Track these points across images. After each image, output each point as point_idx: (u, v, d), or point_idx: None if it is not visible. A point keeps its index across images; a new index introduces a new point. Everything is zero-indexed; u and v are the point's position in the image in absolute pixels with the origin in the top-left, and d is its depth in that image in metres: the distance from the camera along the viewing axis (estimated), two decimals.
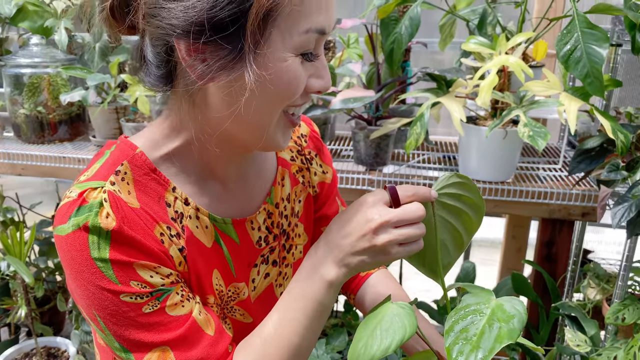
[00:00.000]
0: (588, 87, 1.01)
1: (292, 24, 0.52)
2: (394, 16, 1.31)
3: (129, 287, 0.55)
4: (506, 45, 1.12)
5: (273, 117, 0.57)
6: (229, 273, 0.66)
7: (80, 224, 0.53)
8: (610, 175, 1.02)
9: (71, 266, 0.55)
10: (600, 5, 1.06)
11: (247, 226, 0.68)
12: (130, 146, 0.60)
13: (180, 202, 0.61)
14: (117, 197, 0.56)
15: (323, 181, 0.81)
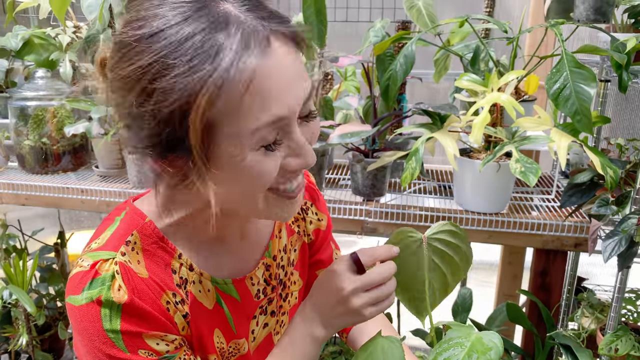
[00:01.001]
0: (577, 124, 1.05)
1: (237, 129, 0.50)
2: (390, 52, 1.36)
3: (137, 355, 0.58)
4: (498, 82, 1.16)
5: (257, 201, 0.56)
6: (229, 331, 0.70)
7: (94, 298, 0.56)
8: (600, 210, 1.05)
9: (82, 334, 0.58)
10: (587, 46, 1.10)
11: (247, 283, 0.71)
12: (140, 215, 0.63)
13: (185, 268, 0.64)
14: (128, 268, 0.59)
15: (318, 228, 0.84)
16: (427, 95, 1.95)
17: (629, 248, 1.03)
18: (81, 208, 1.50)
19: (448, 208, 1.33)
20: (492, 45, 1.42)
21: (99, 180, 1.54)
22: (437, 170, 1.72)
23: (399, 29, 1.50)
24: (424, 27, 1.33)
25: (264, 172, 0.53)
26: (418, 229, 1.34)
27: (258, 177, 0.53)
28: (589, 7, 1.15)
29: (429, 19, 1.35)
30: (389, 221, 1.33)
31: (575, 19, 1.21)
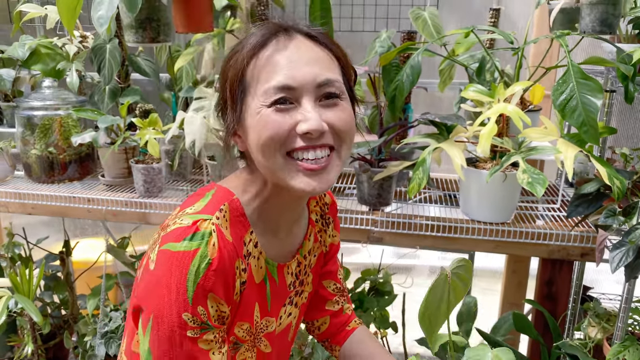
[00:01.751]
0: (584, 135, 1.06)
1: (255, 87, 0.70)
2: (395, 62, 1.37)
3: (195, 309, 0.68)
4: (504, 93, 1.17)
5: (275, 159, 0.69)
6: (265, 307, 0.80)
7: (192, 248, 0.68)
8: (608, 220, 1.06)
9: (167, 275, 0.67)
10: (594, 58, 1.10)
11: (284, 270, 0.83)
12: (229, 192, 0.76)
13: (252, 244, 0.76)
14: (221, 229, 0.71)
15: (333, 243, 0.97)
16: (431, 104, 1.95)
17: (637, 258, 1.03)
18: (87, 217, 1.51)
19: (454, 218, 1.34)
20: (496, 55, 1.42)
21: (105, 189, 1.55)
22: (442, 179, 1.72)
23: (405, 40, 1.51)
24: (430, 38, 1.34)
25: (273, 123, 0.68)
26: (424, 238, 1.35)
27: (267, 127, 0.68)
28: (595, 18, 1.16)
29: (434, 29, 1.36)
30: (395, 231, 1.33)
31: (581, 30, 1.22)
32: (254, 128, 0.69)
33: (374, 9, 1.71)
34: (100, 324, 1.60)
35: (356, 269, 2.19)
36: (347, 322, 1.02)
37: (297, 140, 0.68)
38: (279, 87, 0.68)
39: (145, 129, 1.40)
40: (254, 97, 0.69)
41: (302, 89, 0.68)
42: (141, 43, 1.21)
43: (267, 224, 0.79)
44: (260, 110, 0.68)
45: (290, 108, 0.68)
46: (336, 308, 1.01)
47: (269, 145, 0.68)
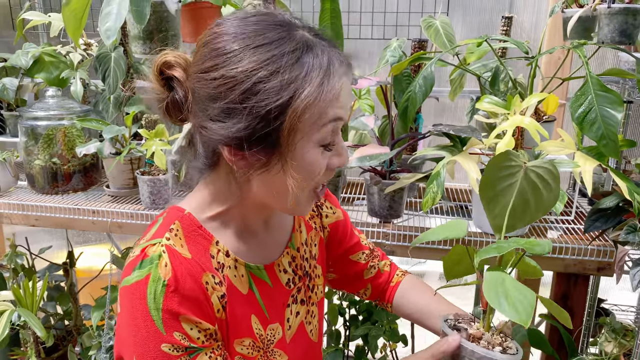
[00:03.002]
0: (603, 148, 1.03)
1: (315, 123, 0.63)
2: (407, 72, 1.34)
3: (172, 337, 0.63)
4: (520, 105, 1.14)
5: (303, 194, 0.68)
6: (263, 316, 0.76)
7: (143, 276, 0.64)
8: (629, 237, 1.03)
9: (129, 313, 0.64)
10: (613, 70, 1.08)
11: (275, 269, 0.78)
12: (179, 209, 0.72)
13: (222, 254, 0.71)
14: (173, 249, 0.66)
15: (336, 220, 0.93)
16: (441, 113, 1.93)
17: None
18: (92, 229, 1.48)
19: (467, 231, 1.31)
20: (508, 63, 1.40)
21: (110, 200, 1.52)
22: (454, 188, 1.70)
23: (415, 48, 1.48)
24: (443, 48, 1.31)
25: (319, 165, 0.65)
26: (437, 252, 1.32)
27: (313, 170, 0.65)
28: (615, 29, 1.14)
29: (446, 38, 1.33)
30: (407, 244, 1.31)
31: (599, 40, 1.19)
32: (294, 168, 0.63)
33: (382, 16, 1.68)
34: (105, 338, 1.57)
35: None
36: (390, 279, 0.99)
37: (325, 176, 0.68)
38: (336, 119, 0.64)
39: (152, 140, 1.38)
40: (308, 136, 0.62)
41: (345, 120, 0.67)
42: (149, 54, 1.18)
43: (239, 231, 0.74)
44: (310, 150, 0.63)
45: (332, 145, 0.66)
46: (373, 273, 0.98)
47: (307, 185, 0.66)
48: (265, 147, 0.62)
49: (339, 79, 0.63)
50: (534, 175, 0.71)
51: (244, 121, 0.61)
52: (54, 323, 1.86)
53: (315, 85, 0.61)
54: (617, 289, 2.41)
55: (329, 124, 0.63)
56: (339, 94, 0.63)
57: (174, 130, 1.53)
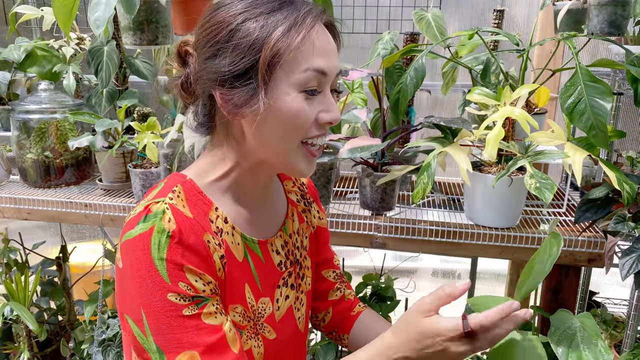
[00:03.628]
0: (593, 139, 1.03)
1: (293, 65, 0.66)
2: (399, 65, 1.34)
3: (177, 287, 0.65)
4: (511, 96, 1.14)
5: (293, 145, 0.70)
6: (256, 288, 0.77)
7: (147, 228, 0.65)
8: (618, 227, 1.03)
9: (133, 266, 0.65)
10: (603, 60, 1.08)
11: (269, 247, 0.81)
12: (181, 175, 0.75)
13: (220, 220, 0.74)
14: (176, 207, 0.69)
15: (321, 225, 0.95)
16: (433, 107, 1.93)
17: None
18: (85, 223, 1.48)
19: (459, 222, 1.31)
20: (500, 57, 1.40)
21: (103, 194, 1.52)
22: (446, 182, 1.70)
23: (407, 41, 1.48)
24: (434, 40, 1.31)
25: (302, 111, 0.67)
26: (428, 244, 1.32)
27: (296, 115, 0.67)
28: (604, 20, 1.14)
29: (438, 31, 1.33)
30: (398, 236, 1.31)
31: (588, 31, 1.19)
32: (279, 111, 0.67)
33: (375, 10, 1.68)
34: (97, 332, 1.57)
35: (357, 272, 2.16)
36: (351, 308, 0.99)
37: (314, 129, 0.70)
38: (319, 71, 0.67)
39: (144, 133, 1.38)
40: (289, 76, 0.66)
41: (329, 78, 0.69)
42: (139, 45, 1.18)
43: (236, 198, 0.76)
44: (291, 92, 0.67)
45: (315, 96, 0.69)
46: (338, 296, 0.99)
47: (294, 132, 0.69)
48: (248, 81, 0.67)
49: (316, 29, 0.68)
50: None
51: (228, 57, 0.67)
52: (47, 318, 1.85)
53: (290, 26, 0.66)
54: (610, 284, 2.42)
55: (310, 72, 0.66)
56: (315, 42, 0.67)
57: (166, 123, 1.53)
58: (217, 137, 0.75)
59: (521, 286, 0.73)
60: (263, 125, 0.68)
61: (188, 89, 0.73)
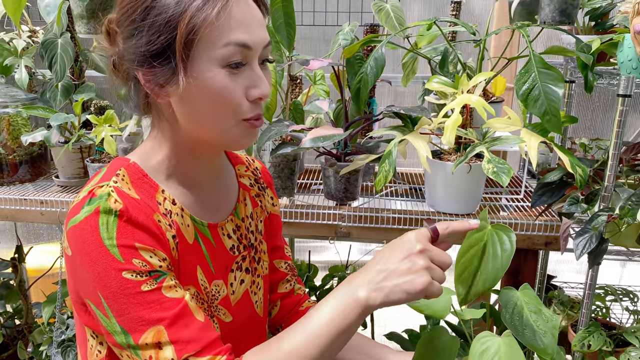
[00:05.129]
0: (546, 124, 1.06)
1: (212, 40, 0.64)
2: (359, 55, 1.35)
3: (131, 264, 0.63)
4: (468, 84, 1.17)
5: (227, 122, 0.68)
6: (209, 270, 0.76)
7: (93, 210, 0.64)
8: (571, 208, 1.07)
9: (82, 250, 0.63)
10: (555, 47, 1.12)
11: (219, 231, 0.79)
12: (125, 159, 0.74)
13: (168, 202, 0.73)
14: (120, 190, 0.67)
15: (274, 212, 0.94)
16: (394, 99, 1.96)
17: (599, 245, 1.05)
18: (41, 221, 1.43)
19: (420, 210, 1.33)
20: (458, 48, 1.43)
21: (60, 190, 1.48)
22: (408, 173, 1.72)
23: (368, 32, 1.50)
24: (393, 30, 1.33)
25: (227, 88, 0.66)
26: (392, 232, 1.34)
27: (221, 92, 0.66)
28: (555, 9, 1.18)
29: (397, 21, 1.35)
30: (362, 225, 1.32)
31: (541, 20, 1.23)
32: (204, 88, 0.66)
33: (336, 2, 1.69)
34: (56, 332, 1.52)
35: (324, 267, 2.17)
36: (300, 303, 0.97)
37: (247, 107, 0.68)
38: (240, 44, 0.65)
39: (101, 126, 1.34)
40: (209, 52, 0.64)
41: (255, 51, 0.67)
42: (94, 34, 1.15)
43: (183, 180, 0.75)
44: (213, 69, 0.65)
45: (240, 71, 0.67)
46: (287, 289, 0.97)
47: (223, 109, 0.67)
48: (166, 60, 0.65)
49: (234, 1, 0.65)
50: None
51: (145, 36, 0.65)
52: (3, 322, 1.79)
53: (205, 0, 0.63)
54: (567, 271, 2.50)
55: (231, 46, 0.65)
56: (234, 15, 0.65)
57: (125, 118, 1.50)
58: (154, 119, 0.74)
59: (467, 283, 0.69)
60: (191, 104, 0.67)
61: (120, 68, 0.71)
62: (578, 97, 1.65)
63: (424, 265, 0.61)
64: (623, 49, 1.07)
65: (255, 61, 0.68)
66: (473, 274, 0.67)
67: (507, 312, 0.67)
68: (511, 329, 0.66)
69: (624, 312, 1.47)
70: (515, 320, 0.67)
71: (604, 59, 1.25)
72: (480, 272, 0.67)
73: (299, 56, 1.39)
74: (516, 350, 0.63)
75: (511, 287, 0.70)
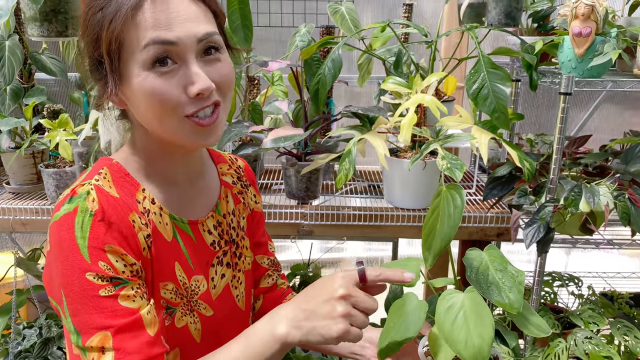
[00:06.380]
0: (495, 121, 1.12)
1: (133, 45, 0.66)
2: (316, 57, 1.38)
3: (96, 266, 0.65)
4: (421, 84, 1.22)
5: (171, 122, 0.69)
6: (188, 266, 0.78)
7: (72, 209, 0.67)
8: (520, 200, 1.13)
9: (57, 245, 0.66)
10: (502, 48, 1.18)
11: (200, 227, 0.81)
12: (109, 159, 0.76)
13: (148, 201, 0.75)
14: (101, 188, 0.70)
15: (257, 209, 0.96)
16: (351, 99, 2.00)
17: (547, 234, 1.12)
18: None
19: (379, 206, 1.38)
20: (411, 48, 1.48)
21: (12, 197, 1.43)
22: (367, 170, 1.77)
23: (324, 34, 1.53)
24: (348, 32, 1.36)
25: (157, 90, 0.66)
26: (352, 228, 1.38)
27: (154, 95, 0.66)
28: (501, 11, 1.24)
29: (352, 24, 1.39)
30: (324, 222, 1.35)
31: (488, 23, 1.29)
32: (139, 93, 0.67)
33: (291, 4, 1.71)
34: (12, 344, 1.47)
35: (286, 266, 2.18)
36: (283, 296, 1.00)
37: (188, 103, 0.68)
38: (162, 42, 0.65)
39: (55, 131, 1.31)
40: (134, 57, 0.66)
41: (184, 46, 0.66)
42: (47, 37, 1.12)
43: (161, 179, 0.77)
44: (141, 73, 0.66)
45: (173, 69, 0.67)
46: (270, 283, 0.99)
47: (161, 111, 0.68)
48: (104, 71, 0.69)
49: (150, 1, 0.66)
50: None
51: (86, 52, 0.70)
52: None
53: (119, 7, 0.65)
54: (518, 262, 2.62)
55: (151, 47, 0.65)
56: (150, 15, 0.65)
57: (79, 121, 1.47)
58: (131, 123, 0.77)
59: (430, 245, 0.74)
60: (136, 109, 0.70)
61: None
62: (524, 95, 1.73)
63: (343, 312, 0.63)
64: (563, 50, 1.15)
65: (190, 57, 0.67)
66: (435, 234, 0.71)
67: (472, 272, 0.70)
68: (476, 287, 0.68)
69: (569, 297, 1.57)
70: (480, 279, 0.69)
71: (547, 59, 1.33)
72: (438, 232, 0.71)
73: (257, 57, 1.40)
74: (480, 304, 0.65)
75: (476, 248, 0.73)
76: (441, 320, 0.65)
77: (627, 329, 1.32)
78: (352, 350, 0.91)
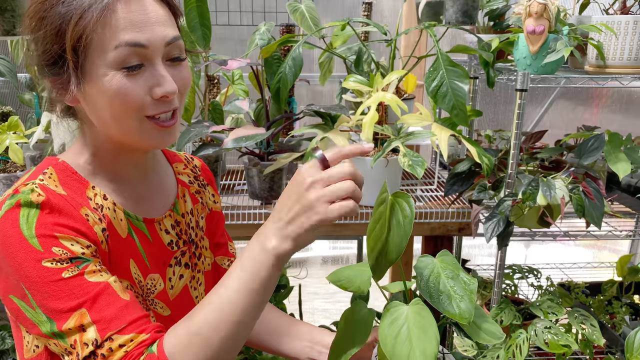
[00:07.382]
0: (454, 118, 1.14)
1: (103, 44, 0.65)
2: (277, 55, 1.37)
3: (51, 252, 0.64)
4: (382, 82, 1.22)
5: (132, 123, 0.68)
6: (143, 264, 0.76)
7: (13, 204, 0.65)
8: (480, 195, 1.16)
9: (4, 244, 0.64)
10: (459, 46, 1.20)
11: (156, 226, 0.79)
12: (54, 158, 0.74)
13: (99, 197, 0.73)
14: (46, 186, 0.68)
15: (215, 209, 0.94)
16: (313, 98, 2.00)
17: (506, 227, 1.14)
18: None
19: None
20: (371, 47, 1.49)
21: None
22: None
23: (284, 32, 1.52)
24: (309, 31, 1.36)
25: (124, 91, 0.66)
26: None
27: (118, 94, 0.66)
28: (457, 10, 1.26)
29: (312, 22, 1.38)
30: None
31: (445, 21, 1.31)
32: (102, 93, 0.66)
33: (250, 2, 1.69)
34: None
35: None
36: None
37: (151, 104, 0.68)
38: (133, 44, 0.65)
39: (5, 134, 1.26)
40: (103, 56, 0.65)
41: (154, 49, 0.67)
42: None
43: (111, 177, 0.76)
44: (108, 72, 0.65)
45: (140, 71, 0.67)
46: None
47: (124, 111, 0.67)
48: (63, 67, 0.67)
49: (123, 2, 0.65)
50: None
51: (41, 46, 0.67)
52: None
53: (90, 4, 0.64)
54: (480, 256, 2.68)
55: (122, 48, 0.65)
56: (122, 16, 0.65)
57: (30, 124, 1.42)
58: (80, 121, 0.76)
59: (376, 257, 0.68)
60: (95, 107, 0.69)
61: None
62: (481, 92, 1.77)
63: (316, 196, 0.62)
64: (518, 48, 1.18)
65: (157, 59, 0.68)
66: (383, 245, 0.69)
67: (422, 280, 0.67)
68: (426, 296, 0.66)
69: (529, 288, 1.61)
70: (430, 288, 0.67)
71: (503, 57, 1.36)
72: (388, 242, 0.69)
73: (216, 56, 1.38)
74: (425, 317, 0.63)
75: (428, 255, 0.70)
76: (384, 335, 0.63)
77: (583, 318, 1.36)
78: (309, 356, 0.90)
